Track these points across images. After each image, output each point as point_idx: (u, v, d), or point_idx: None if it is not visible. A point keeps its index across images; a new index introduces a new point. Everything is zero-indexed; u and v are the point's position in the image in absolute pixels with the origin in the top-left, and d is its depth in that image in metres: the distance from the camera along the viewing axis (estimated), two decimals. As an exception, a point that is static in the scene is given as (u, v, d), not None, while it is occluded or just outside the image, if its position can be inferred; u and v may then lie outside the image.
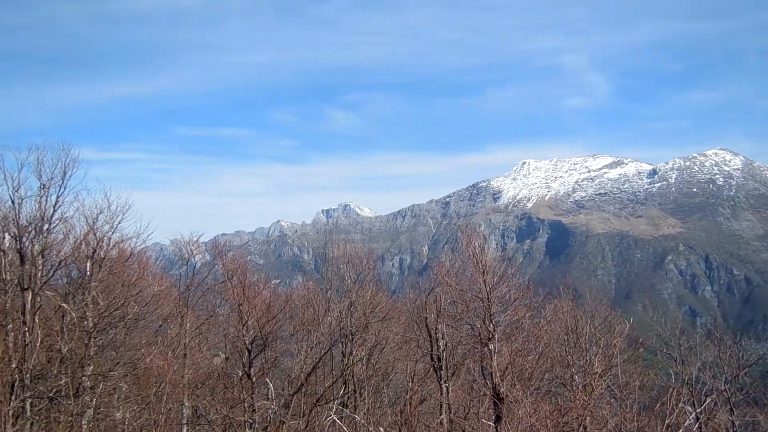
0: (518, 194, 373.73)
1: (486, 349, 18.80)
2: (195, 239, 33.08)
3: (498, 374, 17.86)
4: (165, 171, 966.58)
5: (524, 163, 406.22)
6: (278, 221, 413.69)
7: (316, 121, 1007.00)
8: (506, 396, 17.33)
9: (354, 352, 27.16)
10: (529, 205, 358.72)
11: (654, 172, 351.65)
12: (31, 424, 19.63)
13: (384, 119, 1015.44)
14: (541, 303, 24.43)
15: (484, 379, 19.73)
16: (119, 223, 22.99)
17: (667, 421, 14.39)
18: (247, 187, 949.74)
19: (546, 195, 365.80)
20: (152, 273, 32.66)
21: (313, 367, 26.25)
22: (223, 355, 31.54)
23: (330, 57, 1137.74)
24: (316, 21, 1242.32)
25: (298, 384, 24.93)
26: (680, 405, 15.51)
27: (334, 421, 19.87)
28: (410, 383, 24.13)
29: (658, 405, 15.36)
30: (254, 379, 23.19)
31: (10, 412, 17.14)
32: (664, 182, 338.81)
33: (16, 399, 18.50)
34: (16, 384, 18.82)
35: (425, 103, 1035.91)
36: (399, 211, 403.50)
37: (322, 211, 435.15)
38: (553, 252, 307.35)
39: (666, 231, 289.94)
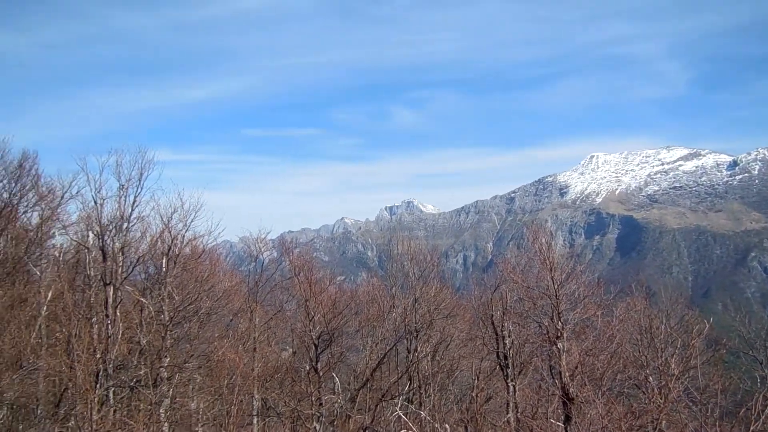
0: (586, 189, 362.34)
1: (554, 347, 18.31)
2: (263, 237, 33.92)
3: (567, 374, 17.36)
4: (233, 171, 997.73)
5: (592, 156, 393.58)
6: (342, 218, 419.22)
7: (380, 120, 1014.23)
8: (576, 396, 16.82)
9: (419, 349, 27.14)
10: (598, 199, 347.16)
11: (735, 163, 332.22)
12: (114, 411, 20.73)
13: (448, 115, 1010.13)
14: (612, 301, 23.53)
15: (553, 378, 19.23)
16: (192, 221, 23.86)
17: (751, 428, 13.54)
18: (312, 186, 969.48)
19: (616, 189, 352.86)
20: (223, 269, 33.77)
21: (379, 363, 26.43)
22: (291, 350, 32.27)
23: (394, 55, 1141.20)
24: (379, 20, 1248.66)
25: (364, 379, 25.18)
26: (767, 411, 14.55)
27: (400, 416, 19.93)
28: (476, 381, 23.86)
29: (742, 411, 14.46)
30: (321, 374, 23.58)
31: (96, 399, 18.17)
32: (746, 174, 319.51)
33: (100, 387, 19.62)
34: (101, 373, 19.97)
35: (489, 98, 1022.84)
36: (462, 208, 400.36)
37: (386, 208, 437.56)
38: (624, 248, 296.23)
39: (749, 226, 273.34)
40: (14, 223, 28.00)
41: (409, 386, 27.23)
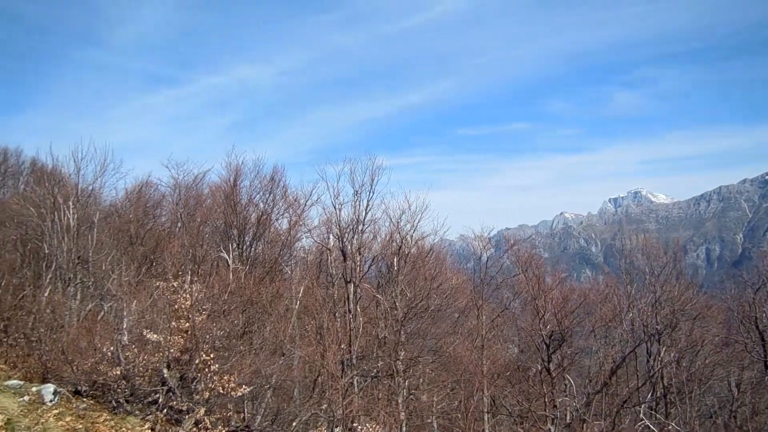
0: None
1: None
2: (485, 234, 33.95)
3: None
4: (451, 171, 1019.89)
5: None
6: (561, 213, 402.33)
7: (598, 106, 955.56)
8: None
9: (662, 353, 24.66)
10: None
11: None
12: (358, 398, 22.54)
13: (675, 93, 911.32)
14: None
15: None
16: (418, 221, 24.96)
17: None
18: (529, 180, 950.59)
19: None
20: (448, 267, 34.63)
21: (617, 366, 24.62)
22: (517, 349, 31.79)
23: (607, 35, 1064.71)
24: (586, 2, 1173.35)
25: (601, 383, 23.66)
26: None
27: (647, 426, 18.27)
28: (736, 392, 20.91)
29: None
30: (554, 375, 22.78)
31: (343, 385, 19.94)
32: None
33: (345, 375, 21.49)
34: (346, 362, 21.89)
35: (729, 67, 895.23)
36: (702, 195, 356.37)
37: (609, 200, 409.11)
38: None
39: None
40: (269, 229, 32.20)
41: (652, 394, 24.88)
